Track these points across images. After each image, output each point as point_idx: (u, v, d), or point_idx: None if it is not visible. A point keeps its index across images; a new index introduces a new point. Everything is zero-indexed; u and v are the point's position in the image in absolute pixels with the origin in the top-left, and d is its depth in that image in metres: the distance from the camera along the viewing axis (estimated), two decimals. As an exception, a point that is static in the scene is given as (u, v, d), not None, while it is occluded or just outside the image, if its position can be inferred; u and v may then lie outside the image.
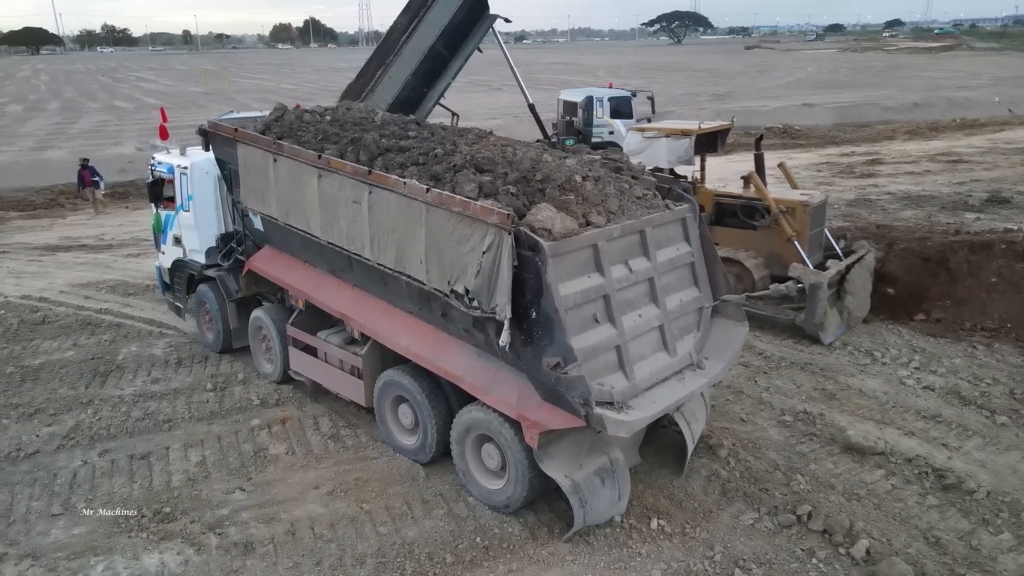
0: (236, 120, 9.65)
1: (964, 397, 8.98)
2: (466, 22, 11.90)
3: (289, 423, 8.67)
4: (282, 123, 8.73)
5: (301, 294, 8.99)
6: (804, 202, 11.45)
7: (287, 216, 8.45)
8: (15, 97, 55.39)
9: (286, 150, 8.08)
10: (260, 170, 8.61)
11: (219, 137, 9.30)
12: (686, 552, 6.43)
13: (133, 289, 13.83)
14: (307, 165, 7.81)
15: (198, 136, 9.78)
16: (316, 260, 8.60)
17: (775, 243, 11.55)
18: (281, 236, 8.92)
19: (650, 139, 12.16)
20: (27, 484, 7.54)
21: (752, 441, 8.08)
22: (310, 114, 9.11)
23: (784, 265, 11.17)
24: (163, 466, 7.85)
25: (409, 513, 7.00)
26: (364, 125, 8.65)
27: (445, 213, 6.24)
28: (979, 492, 7.12)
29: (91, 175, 20.95)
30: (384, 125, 8.69)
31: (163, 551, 6.48)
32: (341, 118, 8.98)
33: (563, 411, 6.11)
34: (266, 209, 8.80)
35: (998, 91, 45.13)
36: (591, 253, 6.17)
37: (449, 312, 6.73)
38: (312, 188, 7.82)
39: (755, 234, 11.89)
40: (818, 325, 10.54)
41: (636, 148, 12.26)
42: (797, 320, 10.81)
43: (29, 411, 9.02)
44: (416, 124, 9.06)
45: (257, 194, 8.88)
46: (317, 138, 8.17)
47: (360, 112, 9.40)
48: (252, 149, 8.65)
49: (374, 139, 7.59)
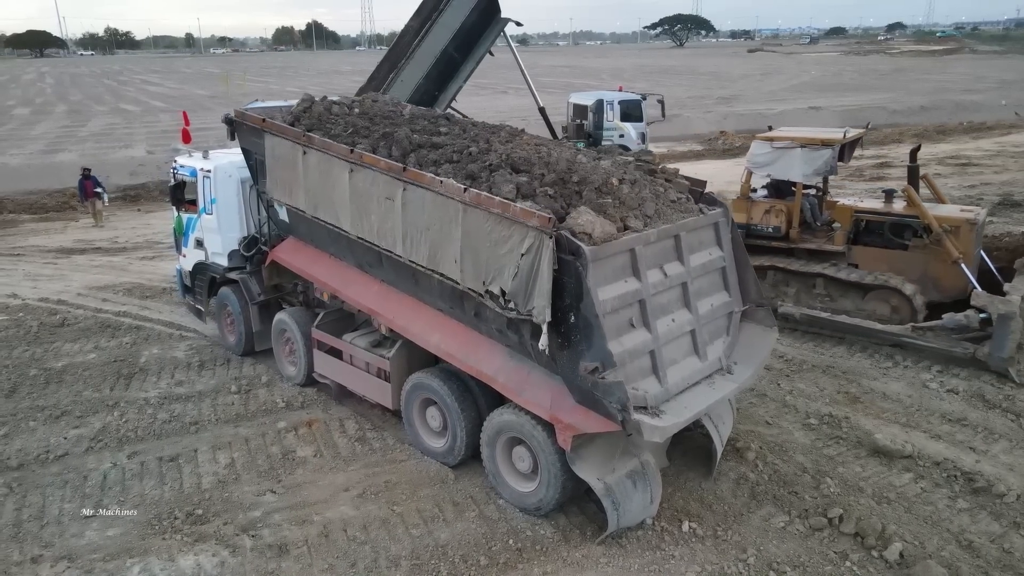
0: (262, 109, 9.63)
1: (988, 400, 8.99)
2: (478, 25, 11.97)
3: (315, 426, 8.70)
4: (311, 114, 8.73)
5: (327, 287, 8.99)
6: (970, 219, 10.55)
7: (315, 209, 8.44)
8: (22, 100, 55.52)
9: (317, 143, 8.06)
10: (288, 161, 8.60)
11: (246, 127, 9.26)
12: (719, 555, 6.44)
13: (150, 292, 13.87)
14: (338, 159, 7.79)
15: (223, 125, 9.68)
16: (343, 254, 8.59)
17: (931, 265, 10.66)
18: (307, 228, 8.91)
19: (781, 149, 11.21)
20: (58, 486, 7.57)
21: (779, 444, 8.10)
22: (338, 106, 9.08)
23: (942, 290, 10.55)
24: (192, 468, 7.88)
25: (440, 515, 7.02)
26: (393, 119, 8.65)
27: (483, 213, 6.26)
28: (1009, 495, 7.13)
29: (93, 185, 19.81)
30: (414, 119, 8.68)
31: (198, 553, 6.50)
32: (369, 110, 8.97)
33: (598, 415, 6.13)
34: (293, 201, 8.79)
35: (1004, 94, 45.17)
36: (629, 258, 6.19)
37: (482, 312, 6.75)
38: (343, 182, 7.81)
39: (905, 255, 10.94)
40: (1007, 360, 9.38)
41: (763, 160, 11.45)
42: (979, 354, 9.54)
43: (55, 413, 9.05)
44: (446, 119, 9.06)
45: (284, 185, 8.87)
46: (347, 131, 8.15)
47: (388, 105, 9.40)
48: (280, 140, 8.61)
49: (406, 134, 7.60)
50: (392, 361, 8.17)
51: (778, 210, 11.70)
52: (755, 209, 11.89)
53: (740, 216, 11.75)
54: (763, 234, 11.82)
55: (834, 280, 11.16)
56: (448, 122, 8.88)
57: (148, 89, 65.91)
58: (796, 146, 11.05)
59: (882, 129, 35.36)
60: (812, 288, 11.42)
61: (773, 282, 11.70)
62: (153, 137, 33.10)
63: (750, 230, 11.79)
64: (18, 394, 9.64)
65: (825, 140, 11.02)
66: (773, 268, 11.62)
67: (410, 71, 11.71)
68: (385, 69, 11.69)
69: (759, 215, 11.85)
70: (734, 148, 30.58)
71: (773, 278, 11.68)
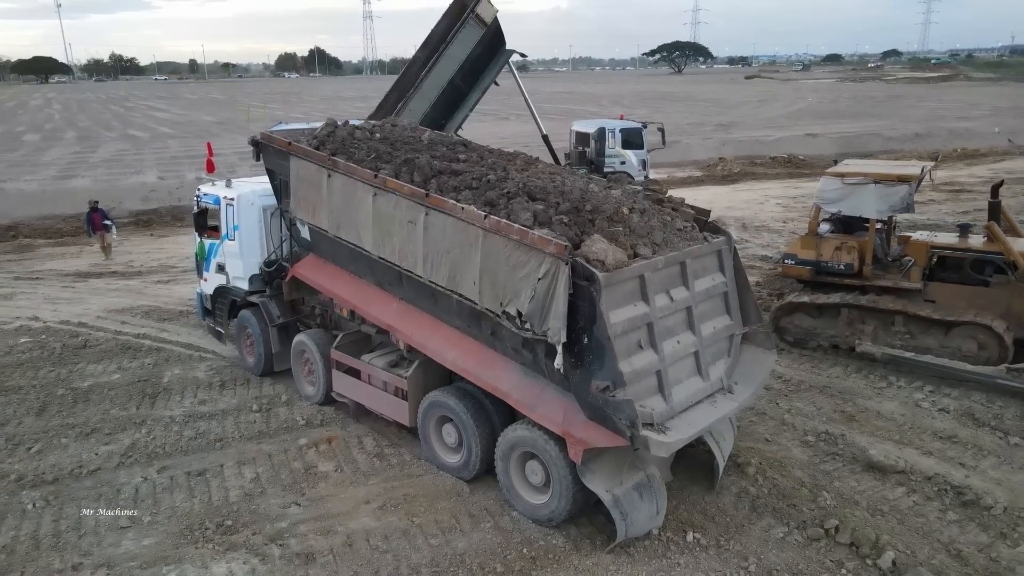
0: (286, 132, 10.14)
1: (978, 419, 9.41)
2: (483, 57, 12.55)
3: (335, 442, 9.10)
4: (334, 139, 9.23)
5: (346, 303, 9.42)
6: None
7: (338, 229, 8.90)
8: (31, 126, 56.30)
9: (342, 167, 8.54)
10: (313, 183, 9.08)
11: (272, 149, 9.76)
12: (722, 563, 6.83)
13: (167, 315, 14.30)
14: (363, 183, 8.27)
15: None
16: (363, 272, 9.01)
17: (1015, 301, 10.58)
18: (329, 247, 9.36)
19: (853, 185, 10.91)
20: (92, 499, 7.96)
21: (778, 460, 8.49)
22: (360, 130, 9.59)
23: None
24: (219, 482, 8.28)
25: (457, 526, 7.41)
26: (413, 144, 9.15)
27: (502, 239, 6.72)
28: (996, 508, 7.53)
29: (101, 218, 19.09)
30: (432, 145, 9.18)
31: (230, 560, 6.89)
32: (390, 135, 9.47)
33: (607, 430, 6.55)
34: (316, 220, 9.25)
35: (997, 121, 45.94)
36: (638, 283, 6.66)
37: (499, 331, 7.19)
38: (367, 205, 8.28)
39: (986, 291, 10.79)
40: None
41: (833, 196, 11.14)
42: None
43: (85, 431, 9.46)
44: (463, 145, 9.56)
45: (308, 205, 9.33)
46: (370, 156, 8.64)
47: (407, 130, 9.93)
48: (306, 163, 9.10)
49: (427, 161, 8.10)
50: (410, 380, 8.58)
51: (850, 247, 11.39)
52: (824, 246, 11.59)
53: (809, 253, 11.70)
54: (834, 271, 11.55)
55: (915, 317, 10.87)
56: (465, 148, 9.38)
57: (155, 115, 66.79)
58: (869, 182, 10.82)
59: (877, 156, 36.03)
60: (891, 325, 11.11)
61: (848, 320, 11.40)
62: (163, 163, 33.71)
63: (819, 267, 11.63)
64: (48, 412, 10.04)
65: (901, 176, 10.78)
66: (848, 306, 11.29)
67: (418, 100, 12.27)
68: (393, 98, 12.25)
69: (829, 252, 11.53)
70: (732, 174, 31.23)
71: (848, 316, 11.38)
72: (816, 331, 11.78)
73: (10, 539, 7.26)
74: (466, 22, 12.09)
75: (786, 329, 12.06)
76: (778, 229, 20.51)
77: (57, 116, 67.13)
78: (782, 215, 22.49)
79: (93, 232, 19.22)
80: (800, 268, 11.95)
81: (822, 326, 11.71)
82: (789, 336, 12.04)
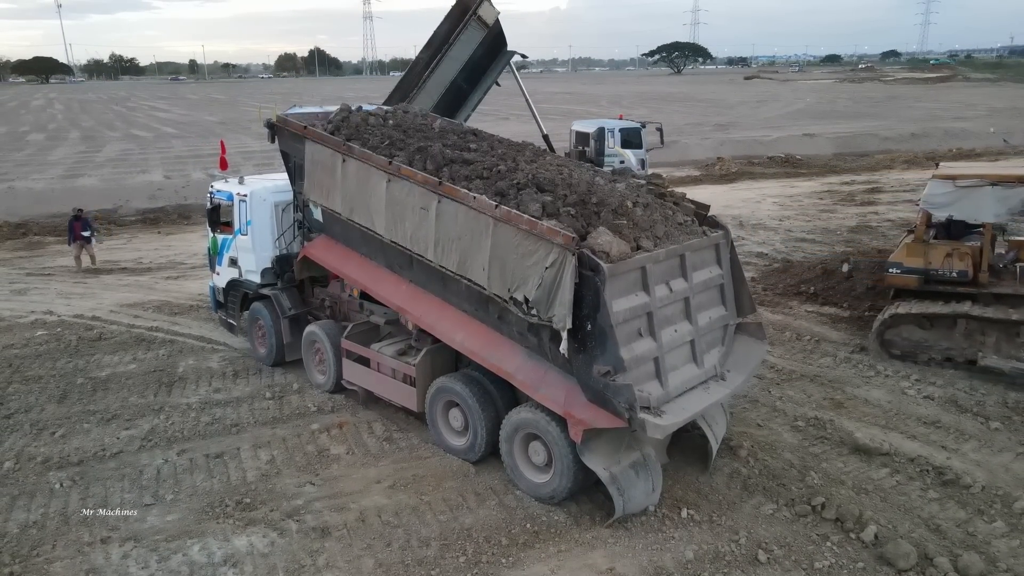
0: (301, 115, 10.52)
1: (961, 405, 9.83)
2: (485, 58, 12.95)
3: (346, 427, 9.51)
4: (348, 124, 9.62)
5: (357, 284, 9.82)
6: None
7: (351, 212, 9.29)
8: (35, 126, 56.74)
9: (356, 153, 8.92)
10: (327, 167, 9.45)
11: (287, 132, 10.12)
12: (714, 536, 7.24)
13: (178, 309, 14.70)
14: (377, 169, 8.65)
15: (265, 129, 10.48)
16: (375, 255, 9.38)
17: None
18: (341, 229, 9.74)
19: (966, 188, 10.38)
20: (116, 479, 8.37)
21: (768, 443, 8.91)
22: (374, 117, 9.98)
23: None
24: (237, 464, 8.69)
25: (464, 504, 7.82)
26: (425, 131, 9.54)
27: (512, 229, 7.13)
28: (975, 487, 7.95)
29: (82, 228, 17.79)
30: (444, 134, 9.57)
31: (250, 535, 7.30)
32: (402, 123, 9.86)
33: (607, 412, 6.95)
34: (329, 203, 9.63)
35: (993, 122, 46.34)
36: (640, 274, 7.07)
37: (506, 316, 7.60)
38: (380, 190, 8.67)
39: None
40: None
41: (943, 200, 10.60)
42: None
43: (106, 417, 9.87)
44: (474, 134, 9.94)
45: (322, 188, 9.71)
46: (383, 143, 9.01)
47: (418, 116, 10.32)
48: (321, 147, 9.48)
49: (440, 149, 8.50)
50: (418, 367, 8.99)
51: (962, 253, 10.72)
52: (933, 253, 10.90)
53: (916, 261, 11.03)
54: (946, 279, 10.86)
55: None
56: (476, 137, 9.76)
57: (157, 115, 67.23)
58: (986, 184, 10.28)
59: (874, 155, 36.50)
60: (1016, 337, 10.46)
61: (967, 331, 10.73)
62: (169, 163, 34.13)
63: (929, 275, 10.98)
64: (69, 400, 10.45)
65: (1021, 177, 10.23)
66: (967, 317, 10.56)
67: (421, 100, 12.66)
68: (397, 98, 12.64)
69: (939, 259, 10.85)
70: (730, 174, 31.65)
71: (966, 327, 10.71)
72: (928, 343, 11.02)
73: (40, 516, 7.67)
74: (468, 24, 12.47)
75: (892, 342, 11.28)
76: (774, 227, 20.93)
77: (60, 116, 67.54)
78: (779, 213, 22.92)
79: (73, 241, 18.16)
80: (906, 277, 11.17)
81: (935, 338, 10.96)
82: (896, 349, 11.26)
